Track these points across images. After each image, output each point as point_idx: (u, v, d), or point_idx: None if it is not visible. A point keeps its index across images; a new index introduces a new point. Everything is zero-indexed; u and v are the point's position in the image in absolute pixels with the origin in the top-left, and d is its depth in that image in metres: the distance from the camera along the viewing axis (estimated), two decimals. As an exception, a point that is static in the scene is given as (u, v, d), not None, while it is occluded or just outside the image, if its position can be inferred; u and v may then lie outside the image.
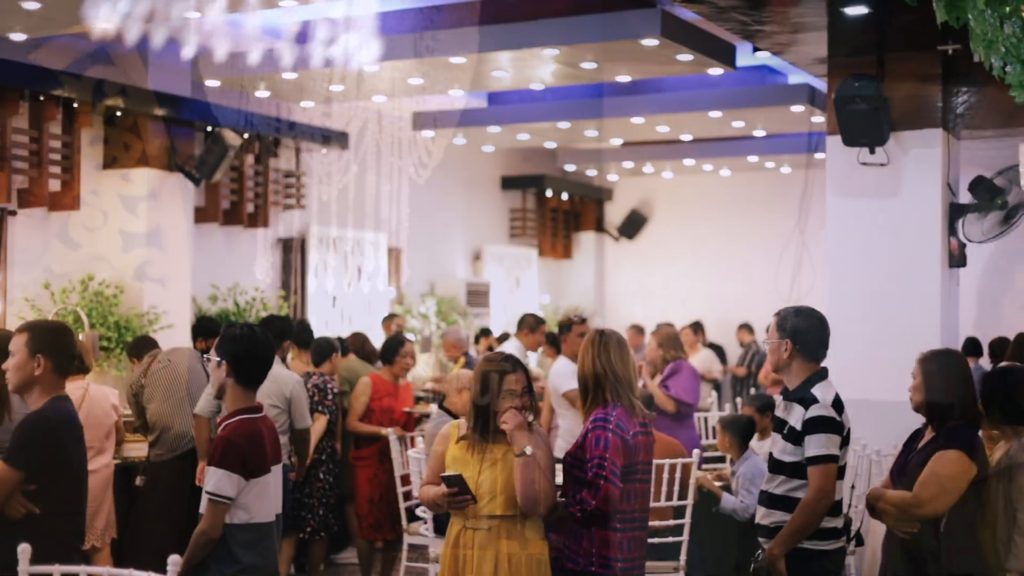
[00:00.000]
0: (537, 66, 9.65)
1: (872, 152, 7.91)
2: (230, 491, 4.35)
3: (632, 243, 18.41)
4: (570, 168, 16.68)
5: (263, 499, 4.47)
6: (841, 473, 4.96)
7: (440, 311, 14.49)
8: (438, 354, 13.08)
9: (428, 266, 15.42)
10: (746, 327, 16.64)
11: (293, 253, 13.00)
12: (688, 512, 6.94)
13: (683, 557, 6.94)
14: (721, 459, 9.41)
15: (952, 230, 8.15)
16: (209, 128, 11.25)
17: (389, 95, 11.16)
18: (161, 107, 10.56)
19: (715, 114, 11.67)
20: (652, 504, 6.77)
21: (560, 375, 8.79)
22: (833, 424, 4.85)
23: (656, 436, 7.12)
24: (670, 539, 6.94)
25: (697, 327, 16.29)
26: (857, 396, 7.82)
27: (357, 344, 10.15)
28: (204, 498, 4.40)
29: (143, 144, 10.63)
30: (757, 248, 17.31)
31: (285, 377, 7.38)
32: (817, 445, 4.81)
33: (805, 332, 4.99)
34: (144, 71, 10.65)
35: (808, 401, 4.89)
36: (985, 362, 11.64)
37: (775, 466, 4.97)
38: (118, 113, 10.55)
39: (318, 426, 8.13)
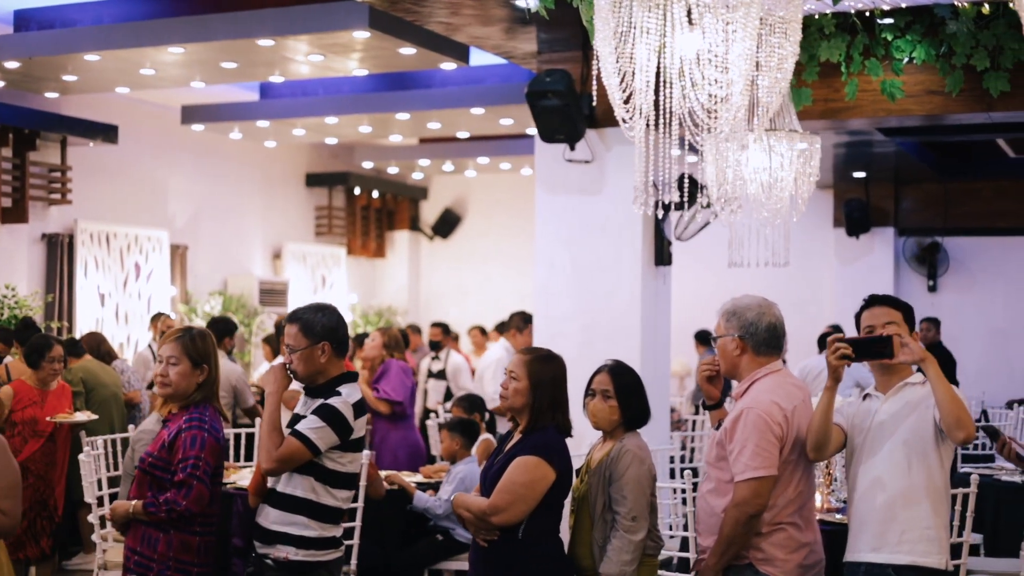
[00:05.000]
0: (262, 57, 9.43)
1: (572, 148, 7.84)
2: None
3: (446, 242, 18.27)
4: (368, 165, 16.44)
5: None
6: (344, 480, 4.77)
7: (226, 310, 14.15)
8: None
9: (222, 264, 15.05)
10: (554, 327, 16.58)
11: (59, 250, 12.56)
12: (359, 515, 6.77)
13: (354, 561, 6.76)
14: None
15: (659, 228, 8.11)
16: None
17: (131, 87, 10.85)
18: None
19: (477, 111, 11.54)
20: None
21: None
22: (340, 422, 4.65)
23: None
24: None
25: (502, 326, 16.21)
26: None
27: (93, 344, 9.83)
28: None
29: None
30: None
31: (229, 369, 9.35)
32: (310, 425, 4.62)
33: (337, 330, 4.79)
34: None
35: (331, 395, 4.70)
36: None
37: None
38: None
39: None
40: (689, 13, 3.65)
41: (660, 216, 7.94)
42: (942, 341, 12.67)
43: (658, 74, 4.13)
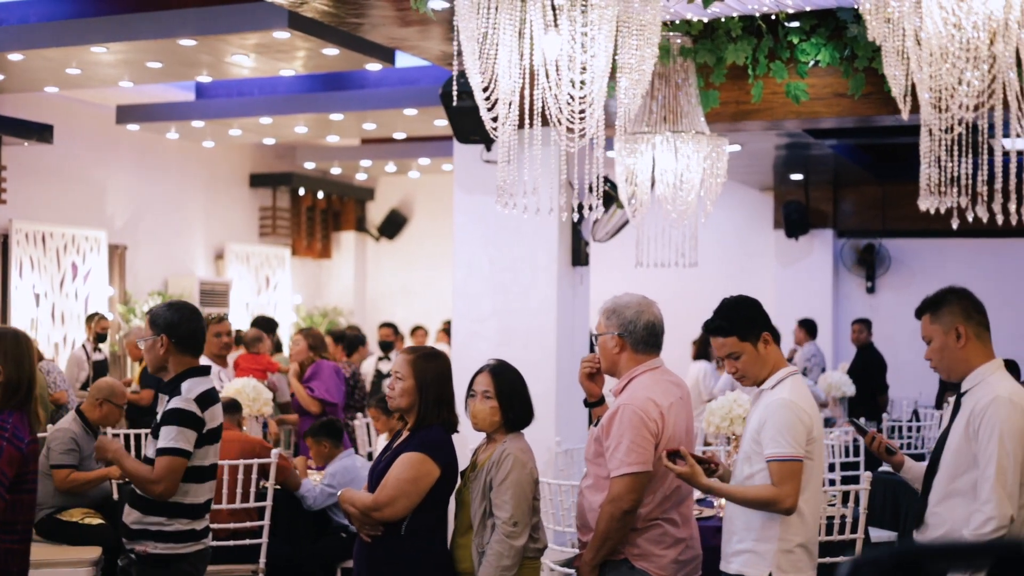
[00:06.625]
0: (187, 57, 9.43)
1: (488, 149, 7.88)
2: None
3: (393, 243, 18.28)
4: (310, 166, 16.44)
5: None
6: (205, 474, 4.82)
7: (165, 310, 14.09)
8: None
9: (163, 264, 15.02)
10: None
11: (-7, 249, 12.52)
12: (267, 513, 6.79)
13: (263, 559, 6.78)
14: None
15: (576, 229, 8.17)
16: None
17: (60, 86, 10.82)
18: None
19: (410, 112, 11.58)
20: (233, 505, 6.68)
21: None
22: (190, 418, 4.72)
23: (239, 435, 7.05)
24: (247, 541, 6.78)
25: (449, 329, 16.26)
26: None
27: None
28: None
29: None
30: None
31: None
32: (167, 437, 4.69)
33: (178, 325, 4.85)
34: None
35: (174, 394, 4.76)
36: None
37: (146, 463, 4.83)
38: None
39: None
40: (550, 14, 3.71)
41: (576, 218, 7.99)
42: (873, 342, 12.79)
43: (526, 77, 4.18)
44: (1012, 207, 3.92)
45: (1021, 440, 4.21)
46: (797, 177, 14.93)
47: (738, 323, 4.46)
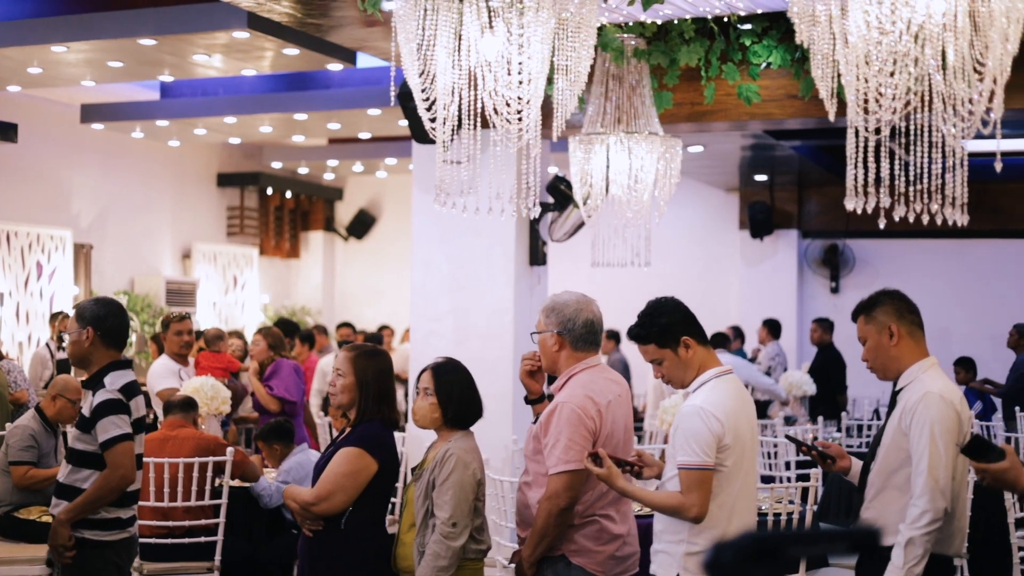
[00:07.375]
0: (147, 56, 9.44)
1: (445, 149, 7.92)
2: None
3: (361, 243, 18.31)
4: (277, 165, 16.45)
5: None
6: (139, 462, 4.94)
7: (131, 309, 14.10)
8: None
9: (129, 264, 15.01)
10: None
11: (-43, 248, 12.50)
12: (223, 511, 6.82)
13: (218, 557, 6.82)
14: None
15: (533, 229, 8.23)
16: None
17: (22, 85, 10.82)
18: None
19: (374, 112, 11.62)
20: (188, 503, 6.72)
21: (155, 375, 8.53)
22: (119, 406, 4.86)
23: (194, 433, 7.07)
24: (203, 539, 6.81)
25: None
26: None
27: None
28: None
29: None
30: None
31: None
32: (107, 429, 4.81)
33: (105, 319, 4.98)
34: None
35: (98, 388, 4.89)
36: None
37: (69, 455, 4.96)
38: None
39: None
40: (486, 16, 3.77)
41: (535, 215, 8.05)
42: (834, 342, 12.89)
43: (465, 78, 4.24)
44: (935, 207, 4.00)
45: (951, 435, 4.29)
46: (762, 178, 15.05)
47: (654, 330, 4.39)
